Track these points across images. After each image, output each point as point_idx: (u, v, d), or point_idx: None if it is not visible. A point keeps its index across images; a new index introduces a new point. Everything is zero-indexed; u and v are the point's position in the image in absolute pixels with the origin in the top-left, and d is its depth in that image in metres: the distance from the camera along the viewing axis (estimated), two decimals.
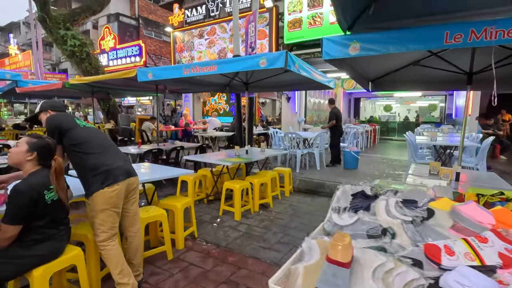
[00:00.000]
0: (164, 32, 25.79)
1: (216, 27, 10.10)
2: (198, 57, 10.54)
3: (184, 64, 3.90)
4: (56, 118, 2.11)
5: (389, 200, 1.05)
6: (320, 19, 8.07)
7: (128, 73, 4.67)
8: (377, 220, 0.99)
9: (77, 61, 9.81)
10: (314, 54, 8.26)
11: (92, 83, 6.04)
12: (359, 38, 2.42)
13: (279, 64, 3.15)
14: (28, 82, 7.77)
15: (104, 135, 2.36)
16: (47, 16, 9.24)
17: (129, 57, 13.79)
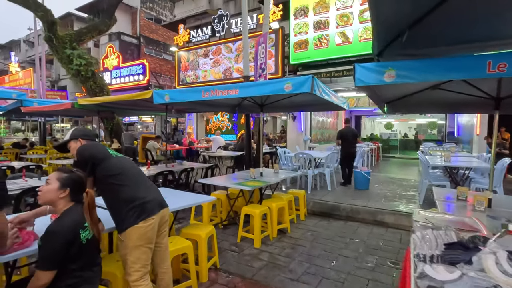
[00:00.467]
0: (164, 51, 26.22)
1: (221, 47, 10.24)
2: (203, 76, 10.61)
3: (203, 87, 3.84)
4: (89, 148, 2.01)
5: (498, 253, 0.95)
6: (326, 41, 8.23)
7: (143, 95, 4.61)
8: (487, 277, 0.89)
9: (82, 79, 9.79)
10: (321, 74, 8.34)
11: (101, 103, 5.98)
12: (395, 65, 2.40)
13: (305, 89, 3.12)
14: (33, 101, 7.68)
15: (135, 164, 2.25)
16: (54, 36, 9.30)
17: (132, 76, 13.85)
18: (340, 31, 7.98)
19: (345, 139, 6.73)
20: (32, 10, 9.08)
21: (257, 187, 4.08)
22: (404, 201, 5.58)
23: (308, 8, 8.42)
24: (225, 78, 10.19)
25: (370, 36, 7.81)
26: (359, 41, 7.80)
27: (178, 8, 20.59)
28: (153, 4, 27.22)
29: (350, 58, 7.97)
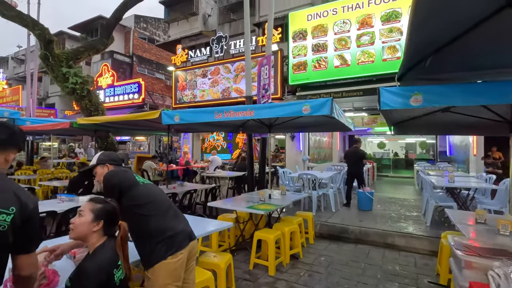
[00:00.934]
0: (157, 69, 26.34)
1: (220, 67, 10.34)
2: (200, 95, 10.61)
3: (216, 108, 3.79)
4: (116, 175, 1.87)
5: None
6: (325, 63, 8.44)
7: (150, 115, 4.50)
8: None
9: (77, 98, 9.58)
10: (320, 95, 8.48)
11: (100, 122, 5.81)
12: (421, 90, 2.43)
13: (325, 111, 3.11)
14: (26, 120, 7.41)
15: (162, 191, 2.12)
16: (51, 54, 9.16)
17: (127, 94, 13.71)
18: (338, 54, 8.26)
19: (351, 159, 6.75)
20: (29, 28, 8.98)
21: (270, 211, 3.95)
22: (411, 222, 5.54)
23: (306, 32, 8.71)
24: (223, 97, 10.22)
25: (368, 59, 8.09)
26: (357, 63, 8.05)
27: (173, 28, 20.92)
28: (147, 24, 27.59)
29: (349, 79, 8.17)
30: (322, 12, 8.65)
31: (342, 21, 8.23)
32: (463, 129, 4.23)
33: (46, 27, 9.09)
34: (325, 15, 8.53)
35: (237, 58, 10.14)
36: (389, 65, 7.60)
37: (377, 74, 7.77)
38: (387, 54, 7.71)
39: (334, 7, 8.38)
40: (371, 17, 7.85)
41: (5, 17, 8.81)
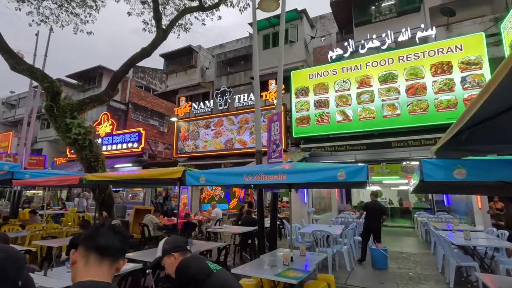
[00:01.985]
0: (151, 116, 26.73)
1: (223, 119, 10.62)
2: (203, 146, 10.68)
3: (245, 169, 3.78)
4: (190, 266, 1.76)
5: None
6: (328, 117, 8.85)
7: (171, 174, 4.42)
8: None
9: (77, 148, 9.40)
10: (324, 148, 8.71)
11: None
12: (465, 164, 2.54)
13: (360, 177, 3.16)
14: (26, 173, 7.10)
15: (232, 276, 1.96)
16: (56, 105, 9.19)
17: (126, 143, 13.61)
18: (340, 110, 8.74)
19: (370, 213, 6.65)
20: (38, 81, 9.12)
21: (299, 279, 3.74)
22: (433, 284, 5.35)
23: (308, 89, 9.29)
24: (226, 148, 10.31)
25: (369, 115, 8.56)
26: (359, 119, 8.51)
27: (171, 79, 21.80)
28: (144, 74, 28.69)
29: (351, 133, 8.52)
30: (322, 72, 9.35)
31: (342, 80, 8.91)
32: (483, 189, 4.35)
33: (54, 79, 9.27)
34: (326, 74, 9.22)
35: (241, 111, 10.50)
36: (389, 121, 8.08)
37: (379, 129, 8.19)
38: (387, 111, 8.25)
39: (334, 68, 9.13)
40: (369, 78, 8.57)
41: (15, 70, 8.97)
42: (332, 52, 9.80)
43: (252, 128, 9.87)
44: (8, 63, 8.94)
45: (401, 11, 12.99)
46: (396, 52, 8.47)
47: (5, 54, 8.81)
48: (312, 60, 17.51)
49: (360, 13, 14.46)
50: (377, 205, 6.74)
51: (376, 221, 6.55)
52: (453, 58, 7.69)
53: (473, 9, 12.95)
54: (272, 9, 7.68)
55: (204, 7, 12.98)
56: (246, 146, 10.02)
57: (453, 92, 7.59)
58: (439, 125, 7.50)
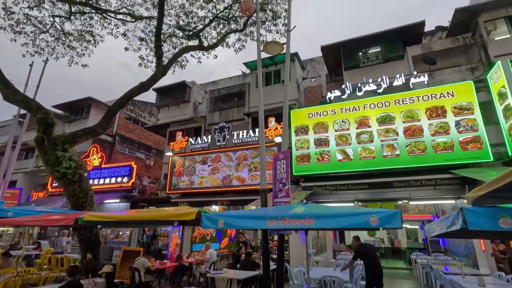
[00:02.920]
0: (138, 149, 26.14)
1: (221, 155, 10.48)
2: (199, 182, 10.34)
3: (269, 213, 3.60)
4: None
5: None
6: (328, 156, 8.93)
7: (183, 215, 4.14)
8: None
9: (66, 183, 8.84)
10: (326, 186, 8.65)
11: None
12: (509, 212, 2.53)
13: (394, 224, 3.07)
14: (8, 210, 6.47)
15: None
16: (47, 137, 8.78)
17: (115, 177, 12.98)
18: (340, 149, 8.89)
19: (367, 256, 6.44)
20: (32, 112, 8.77)
21: None
22: None
23: (308, 127, 9.47)
24: (224, 185, 10.04)
25: (369, 155, 8.72)
26: (359, 158, 8.64)
27: (163, 113, 21.77)
28: (134, 106, 28.58)
29: (351, 173, 8.58)
30: (321, 111, 9.65)
31: (341, 120, 9.20)
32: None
33: (49, 111, 8.97)
34: (325, 114, 9.52)
35: (239, 147, 10.44)
36: (389, 161, 8.26)
37: (379, 169, 8.32)
38: (387, 151, 8.47)
39: (333, 108, 9.46)
40: (368, 119, 8.90)
41: (9, 101, 8.63)
42: (330, 93, 10.23)
43: (251, 165, 9.75)
44: (2, 93, 8.62)
45: (387, 58, 14.02)
46: (392, 95, 8.96)
47: (1, 84, 8.53)
48: (303, 99, 18.21)
49: (349, 58, 15.47)
50: (372, 246, 6.68)
51: (379, 264, 6.37)
52: (446, 103, 8.23)
53: (450, 59, 14.20)
54: (276, 52, 8.05)
55: (203, 47, 13.47)
56: (244, 183, 9.80)
57: (449, 134, 7.99)
58: (438, 165, 7.75)
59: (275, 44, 7.77)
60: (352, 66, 15.13)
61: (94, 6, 13.24)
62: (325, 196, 8.73)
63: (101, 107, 25.02)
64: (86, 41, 14.96)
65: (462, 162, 7.66)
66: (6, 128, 27.29)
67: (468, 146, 7.66)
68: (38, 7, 13.80)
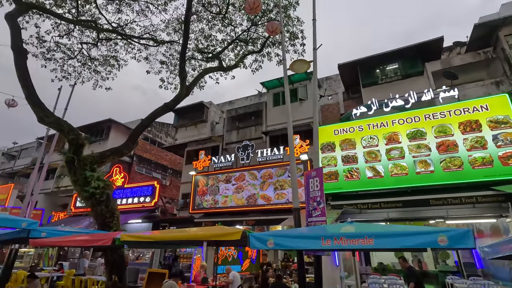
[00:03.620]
0: (154, 169, 26.40)
1: (245, 174, 10.39)
2: (223, 201, 10.21)
3: (322, 232, 3.43)
4: None
5: None
6: (357, 173, 8.71)
7: (228, 235, 4.02)
8: None
9: (94, 203, 8.87)
10: (356, 205, 8.37)
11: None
12: None
13: (466, 243, 2.86)
14: (42, 230, 6.49)
15: None
16: (78, 158, 8.95)
17: (138, 197, 13.01)
18: (369, 166, 8.66)
19: (418, 279, 6.07)
20: (64, 133, 9.02)
21: None
22: None
23: (334, 144, 9.34)
24: (248, 204, 9.85)
25: (401, 172, 8.46)
26: (391, 175, 8.38)
27: (180, 133, 22.12)
28: (151, 127, 29.20)
29: (382, 190, 8.29)
30: (348, 128, 9.54)
31: (369, 137, 9.04)
32: None
33: (80, 132, 9.21)
34: (352, 130, 9.40)
35: (264, 165, 10.35)
36: (423, 178, 7.96)
37: (413, 186, 8.01)
38: (420, 168, 8.20)
39: (360, 125, 9.34)
40: (397, 134, 8.72)
41: (43, 123, 8.94)
42: (356, 109, 10.16)
43: (276, 184, 9.59)
44: (37, 115, 8.95)
45: (406, 74, 13.99)
46: (422, 110, 8.80)
47: (36, 107, 8.88)
48: (320, 117, 18.20)
49: (367, 75, 15.53)
50: (414, 270, 6.31)
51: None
52: (481, 117, 8.00)
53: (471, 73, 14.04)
54: (303, 70, 8.11)
55: (223, 68, 13.80)
56: (270, 202, 9.59)
57: (487, 149, 7.70)
58: (477, 182, 7.40)
59: (302, 62, 7.85)
60: (370, 83, 15.14)
61: (121, 32, 13.89)
62: (355, 215, 8.41)
63: (120, 128, 25.70)
64: (110, 65, 15.59)
65: (503, 178, 7.28)
66: (29, 150, 28.23)
67: (509, 161, 7.31)
68: (68, 35, 14.56)
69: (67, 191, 22.93)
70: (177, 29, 15.41)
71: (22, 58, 9.36)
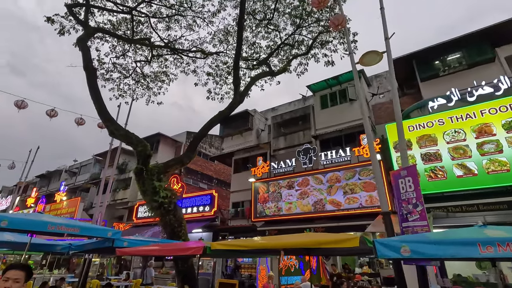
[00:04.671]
0: (201, 180, 26.91)
1: (309, 178, 9.90)
2: (287, 208, 9.79)
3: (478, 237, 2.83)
4: None
5: None
6: (443, 172, 7.78)
7: (345, 242, 3.57)
8: None
9: (162, 212, 8.98)
10: (447, 208, 7.44)
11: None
12: None
13: None
14: (124, 240, 6.57)
15: None
16: (146, 168, 9.18)
17: (196, 206, 13.12)
18: (458, 163, 7.70)
19: None
20: (133, 146, 9.38)
21: None
22: None
23: (410, 142, 8.52)
24: (315, 210, 9.30)
25: (500, 168, 7.39)
26: (487, 172, 7.33)
27: (226, 142, 22.30)
28: None
29: (475, 190, 7.27)
30: (425, 123, 8.67)
31: (453, 131, 8.08)
32: None
33: (147, 144, 9.49)
34: (430, 125, 8.50)
35: (329, 168, 9.78)
36: None
37: None
38: None
39: (440, 118, 8.42)
40: (490, 126, 7.67)
41: (114, 136, 9.38)
42: (432, 102, 9.24)
43: (345, 187, 8.94)
44: (108, 129, 9.41)
45: (472, 63, 12.65)
46: None
47: (107, 122, 9.34)
48: (373, 117, 17.17)
49: (425, 69, 14.37)
50: None
51: None
52: None
53: None
54: (374, 63, 7.50)
55: (273, 73, 13.65)
56: (340, 208, 8.94)
57: None
58: None
59: (373, 54, 7.26)
60: (429, 76, 13.98)
61: (171, 47, 14.43)
62: (439, 220, 7.44)
63: (167, 141, 26.73)
64: (161, 80, 16.24)
65: None
66: (87, 166, 30.50)
67: None
68: (123, 55, 15.46)
69: (122, 203, 24.18)
70: (223, 40, 15.68)
71: (93, 77, 10.00)
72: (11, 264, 2.45)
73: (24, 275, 2.21)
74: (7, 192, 38.35)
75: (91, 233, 6.26)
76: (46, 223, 5.38)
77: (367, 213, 8.42)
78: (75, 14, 11.48)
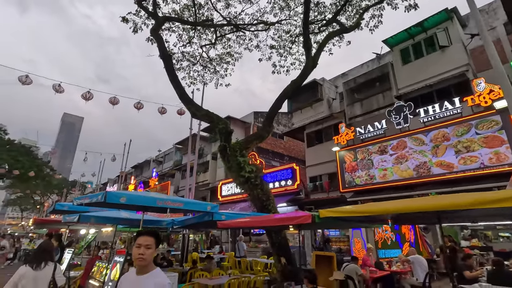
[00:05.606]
0: (272, 158, 27.03)
1: (406, 140, 8.66)
2: (381, 175, 8.81)
3: None
4: None
5: None
6: None
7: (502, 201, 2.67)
8: None
9: (250, 187, 9.01)
10: None
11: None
12: None
13: None
14: (222, 214, 6.70)
15: None
16: (228, 145, 9.28)
17: (278, 181, 13.10)
18: None
19: None
20: (214, 124, 9.61)
21: None
22: None
23: None
24: (419, 175, 8.10)
25: None
26: None
27: (296, 117, 21.58)
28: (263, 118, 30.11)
29: None
30: None
31: None
32: None
33: (227, 120, 9.57)
34: None
35: (432, 126, 8.34)
36: None
37: None
38: None
39: None
40: None
41: (195, 117, 9.72)
42: None
43: (458, 145, 7.44)
44: (190, 111, 9.78)
45: None
46: None
47: (188, 104, 9.69)
48: (472, 64, 14.17)
49: None
50: None
51: None
52: None
53: None
54: None
55: (346, 29, 12.23)
56: (453, 170, 7.54)
57: None
58: None
59: None
60: None
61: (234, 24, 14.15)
62: None
63: (237, 123, 27.42)
64: (226, 62, 16.23)
65: None
66: (170, 155, 33.74)
67: None
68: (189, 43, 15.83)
69: (204, 185, 26.08)
70: (283, 7, 14.74)
71: (170, 63, 10.42)
72: (140, 231, 2.42)
73: (154, 241, 2.23)
74: (112, 182, 45.50)
75: (193, 207, 6.55)
76: (155, 199, 5.76)
77: (491, 174, 6.86)
78: (145, 7, 12.06)
